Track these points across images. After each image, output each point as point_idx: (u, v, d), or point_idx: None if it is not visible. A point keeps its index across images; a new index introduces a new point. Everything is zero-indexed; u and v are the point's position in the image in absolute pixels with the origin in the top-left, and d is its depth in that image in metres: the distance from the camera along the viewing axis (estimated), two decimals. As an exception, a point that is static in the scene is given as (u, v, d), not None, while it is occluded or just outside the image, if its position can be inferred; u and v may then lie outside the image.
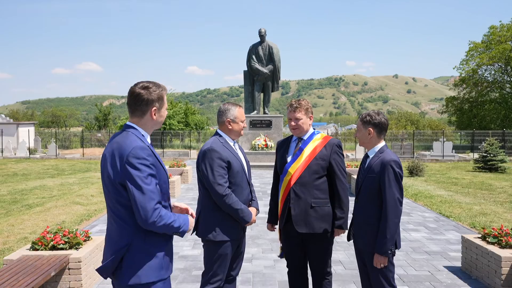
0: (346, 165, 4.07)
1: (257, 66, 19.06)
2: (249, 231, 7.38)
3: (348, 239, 3.59)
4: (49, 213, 9.14)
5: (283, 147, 3.76)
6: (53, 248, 4.82)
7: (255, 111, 19.41)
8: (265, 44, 19.30)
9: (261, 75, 19.11)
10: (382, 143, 3.36)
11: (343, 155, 3.68)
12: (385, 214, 3.14)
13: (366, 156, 3.43)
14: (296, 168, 3.52)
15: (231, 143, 3.51)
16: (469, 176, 16.25)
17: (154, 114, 2.49)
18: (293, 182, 3.52)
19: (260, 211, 9.05)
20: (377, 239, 3.17)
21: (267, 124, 19.14)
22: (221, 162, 3.30)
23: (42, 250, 4.78)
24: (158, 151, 25.10)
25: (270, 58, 19.18)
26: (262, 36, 19.15)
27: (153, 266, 2.36)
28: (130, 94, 2.48)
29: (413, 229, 7.59)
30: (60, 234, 4.97)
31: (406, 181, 14.07)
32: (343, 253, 6.06)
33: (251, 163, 16.41)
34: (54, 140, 28.43)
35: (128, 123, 2.51)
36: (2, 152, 26.88)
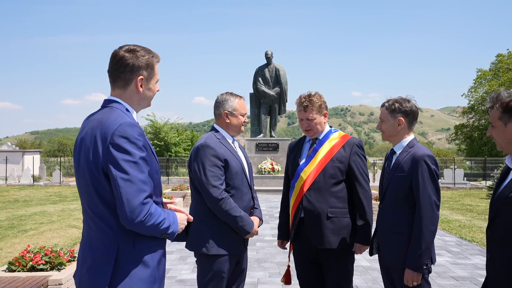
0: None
1: (264, 88, 18.67)
2: (255, 254, 6.77)
3: (371, 254, 2.99)
4: (42, 236, 8.62)
5: (295, 150, 3.24)
6: (32, 269, 4.27)
7: (262, 134, 18.93)
8: (271, 66, 18.94)
9: (268, 97, 18.71)
10: (411, 136, 2.82)
11: (365, 157, 3.14)
12: (419, 221, 2.58)
13: (392, 153, 2.86)
14: (309, 172, 2.99)
15: (230, 140, 2.99)
16: (484, 203, 15.51)
17: (141, 86, 1.98)
18: (306, 188, 2.98)
19: (268, 232, 8.52)
20: (409, 251, 2.59)
21: (274, 148, 18.59)
22: (216, 160, 2.78)
23: (19, 271, 4.24)
24: (163, 178, 24.51)
25: (277, 80, 18.80)
26: (268, 58, 18.83)
27: (144, 279, 1.83)
28: (112, 58, 1.99)
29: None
30: (41, 253, 4.43)
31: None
32: (359, 278, 5.41)
33: (257, 187, 15.95)
34: (59, 168, 28.14)
35: (108, 97, 2.02)
36: (6, 179, 26.58)
